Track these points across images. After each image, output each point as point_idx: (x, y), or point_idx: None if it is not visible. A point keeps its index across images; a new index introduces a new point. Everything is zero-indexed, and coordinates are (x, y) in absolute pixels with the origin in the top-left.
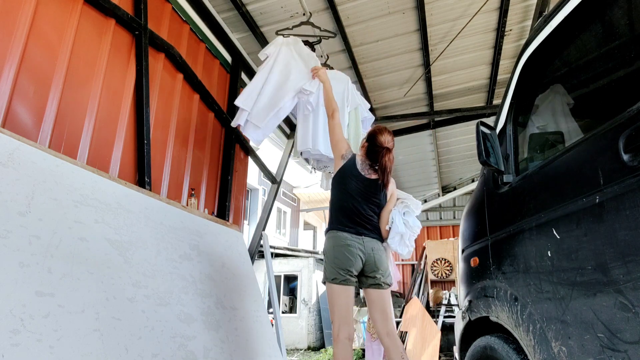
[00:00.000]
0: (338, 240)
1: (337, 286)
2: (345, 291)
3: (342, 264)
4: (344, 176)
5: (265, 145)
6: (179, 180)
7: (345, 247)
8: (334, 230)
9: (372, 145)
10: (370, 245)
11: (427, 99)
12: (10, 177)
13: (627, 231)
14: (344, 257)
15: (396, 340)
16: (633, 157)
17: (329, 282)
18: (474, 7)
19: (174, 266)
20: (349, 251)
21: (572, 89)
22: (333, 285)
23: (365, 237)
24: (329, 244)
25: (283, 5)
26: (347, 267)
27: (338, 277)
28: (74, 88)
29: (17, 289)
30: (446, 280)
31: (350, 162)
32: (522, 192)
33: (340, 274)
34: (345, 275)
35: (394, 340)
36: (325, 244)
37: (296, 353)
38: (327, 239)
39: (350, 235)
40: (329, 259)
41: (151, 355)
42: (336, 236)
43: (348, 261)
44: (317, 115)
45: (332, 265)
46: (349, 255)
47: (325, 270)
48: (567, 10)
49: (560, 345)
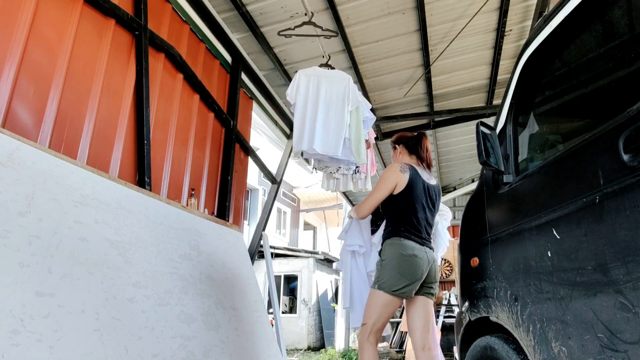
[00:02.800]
0: (404, 249)
1: (392, 296)
2: (396, 303)
3: (411, 276)
4: (413, 185)
5: (265, 145)
6: (179, 180)
7: (413, 257)
8: (400, 237)
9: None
10: (432, 256)
11: (427, 99)
12: (10, 177)
13: (627, 231)
14: (415, 270)
15: (433, 353)
16: (633, 157)
17: (386, 292)
18: (474, 7)
19: (174, 266)
20: (417, 262)
21: (572, 89)
22: (388, 295)
23: (426, 247)
24: (393, 251)
25: (283, 5)
26: (415, 279)
27: (400, 288)
28: (74, 88)
29: (17, 289)
30: (446, 280)
31: (414, 171)
32: (522, 192)
33: (403, 286)
34: (407, 288)
35: (430, 355)
36: (388, 251)
37: (296, 353)
38: (389, 246)
39: (417, 245)
40: (392, 268)
41: (151, 355)
42: (401, 244)
43: (418, 274)
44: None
45: (396, 276)
46: (417, 267)
47: (384, 277)
48: (567, 11)
49: (561, 345)
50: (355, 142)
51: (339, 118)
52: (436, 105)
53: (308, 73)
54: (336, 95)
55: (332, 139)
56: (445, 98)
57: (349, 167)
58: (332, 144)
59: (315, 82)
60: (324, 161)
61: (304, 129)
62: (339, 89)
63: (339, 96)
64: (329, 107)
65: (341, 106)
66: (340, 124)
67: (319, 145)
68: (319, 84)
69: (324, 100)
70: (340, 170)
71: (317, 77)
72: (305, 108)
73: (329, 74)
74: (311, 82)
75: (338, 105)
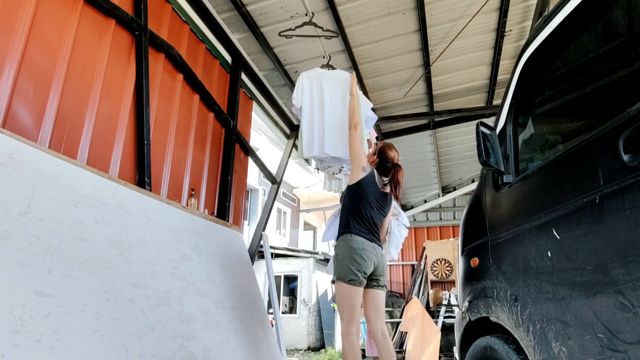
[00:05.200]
0: (355, 244)
1: (351, 287)
2: (357, 292)
3: (359, 266)
4: (365, 187)
5: (265, 146)
6: (179, 180)
7: (363, 251)
8: (350, 234)
9: (383, 161)
10: (380, 251)
11: (427, 99)
12: (10, 178)
13: (627, 231)
14: (362, 261)
15: (388, 340)
16: (633, 158)
17: (344, 282)
18: (474, 7)
19: (174, 266)
20: (366, 255)
21: (572, 89)
22: (348, 285)
23: (375, 243)
24: (345, 246)
25: (283, 5)
26: (364, 270)
27: (355, 278)
28: (74, 88)
29: (17, 290)
30: (446, 280)
31: (370, 175)
32: (522, 193)
33: (357, 276)
34: (361, 278)
35: (386, 339)
36: (340, 246)
37: (296, 353)
38: (342, 241)
39: (366, 241)
40: (345, 261)
41: (151, 355)
42: (353, 239)
43: (365, 264)
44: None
45: (348, 266)
46: (366, 260)
47: (340, 270)
48: (567, 11)
49: (561, 345)
50: None
51: (344, 119)
52: (436, 106)
53: (310, 75)
54: (341, 96)
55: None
56: (445, 98)
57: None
58: (341, 145)
59: (318, 85)
60: (326, 161)
61: (313, 135)
62: (342, 89)
63: (343, 97)
64: (335, 108)
65: (341, 106)
66: (345, 124)
67: (330, 148)
68: (322, 86)
69: (329, 102)
70: (342, 170)
71: (319, 79)
72: (312, 113)
73: (330, 75)
74: (314, 84)
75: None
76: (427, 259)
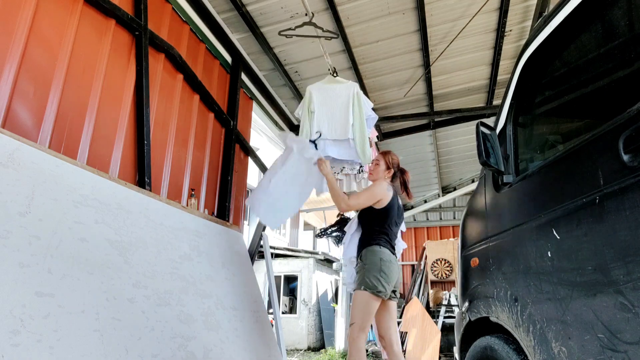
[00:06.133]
0: (384, 256)
1: (373, 297)
2: (377, 303)
3: (388, 279)
4: (391, 208)
5: (265, 146)
6: (179, 180)
7: (390, 263)
8: (378, 245)
9: (396, 171)
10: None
11: (427, 99)
12: (10, 178)
13: (627, 232)
14: (390, 273)
15: (400, 349)
16: (633, 158)
17: (372, 293)
18: (474, 7)
19: (174, 266)
20: (393, 268)
21: (572, 89)
22: (371, 295)
23: (395, 256)
24: (374, 257)
25: (283, 5)
26: (392, 282)
27: (382, 290)
28: (74, 88)
29: (17, 290)
30: (446, 280)
31: (394, 194)
32: (522, 193)
33: (385, 288)
34: (388, 290)
35: (400, 349)
36: (368, 257)
37: (296, 353)
38: (370, 252)
39: (392, 255)
40: (373, 271)
41: (151, 355)
42: (381, 251)
43: (393, 277)
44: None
45: (378, 278)
46: (394, 272)
47: (368, 281)
48: (567, 11)
49: (561, 345)
50: (359, 141)
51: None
52: (436, 106)
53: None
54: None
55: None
56: (445, 98)
57: (353, 167)
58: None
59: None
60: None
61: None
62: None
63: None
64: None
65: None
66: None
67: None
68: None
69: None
70: (344, 170)
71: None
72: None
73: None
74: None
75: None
76: (427, 259)
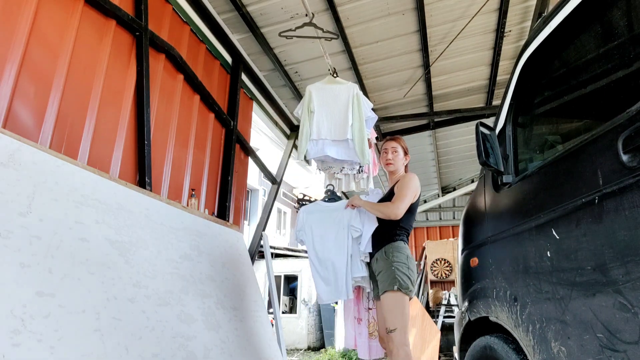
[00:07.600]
0: (409, 252)
1: (406, 297)
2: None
3: (414, 276)
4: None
5: (265, 145)
6: (179, 180)
7: (413, 260)
8: (402, 241)
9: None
10: None
11: (427, 99)
12: (11, 178)
13: (626, 232)
14: (415, 269)
15: None
16: (632, 158)
17: (404, 293)
18: (474, 8)
19: (174, 266)
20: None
21: (572, 89)
22: (404, 295)
23: None
24: (402, 253)
25: (283, 6)
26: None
27: (413, 289)
28: (75, 89)
29: (17, 289)
30: (446, 280)
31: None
32: (521, 193)
33: (414, 287)
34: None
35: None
36: (395, 252)
37: (296, 353)
38: (396, 249)
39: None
40: (403, 269)
41: (151, 355)
42: (406, 248)
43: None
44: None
45: (409, 277)
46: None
47: (401, 280)
48: (567, 11)
49: (560, 345)
50: (358, 142)
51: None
52: (436, 106)
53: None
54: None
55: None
56: (445, 99)
57: (352, 167)
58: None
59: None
60: (327, 162)
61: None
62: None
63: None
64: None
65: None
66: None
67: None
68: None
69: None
70: (343, 170)
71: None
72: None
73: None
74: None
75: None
76: (426, 259)
